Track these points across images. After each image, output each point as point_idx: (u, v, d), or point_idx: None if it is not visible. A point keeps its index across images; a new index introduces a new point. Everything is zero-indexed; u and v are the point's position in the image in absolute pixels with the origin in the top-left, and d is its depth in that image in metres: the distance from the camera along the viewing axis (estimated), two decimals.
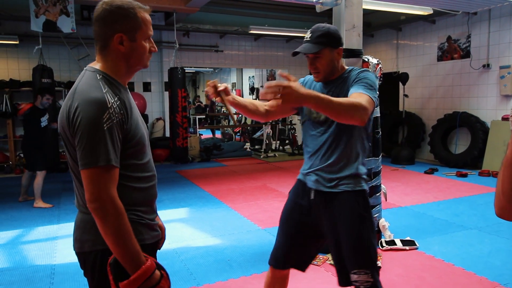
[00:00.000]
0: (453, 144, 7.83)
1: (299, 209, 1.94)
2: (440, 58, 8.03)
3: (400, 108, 8.51)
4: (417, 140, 8.38)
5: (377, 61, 3.49)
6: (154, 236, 1.39)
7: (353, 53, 3.42)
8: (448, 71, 7.89)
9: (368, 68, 3.41)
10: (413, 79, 8.39)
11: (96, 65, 1.32)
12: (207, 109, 14.98)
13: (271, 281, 2.03)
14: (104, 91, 1.22)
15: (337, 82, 1.84)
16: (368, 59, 3.46)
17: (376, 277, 1.79)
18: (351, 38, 3.43)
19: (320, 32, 1.77)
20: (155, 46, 1.37)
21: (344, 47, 3.41)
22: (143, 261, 1.22)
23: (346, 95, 1.74)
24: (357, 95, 1.64)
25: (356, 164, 1.82)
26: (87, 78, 1.27)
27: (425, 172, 7.02)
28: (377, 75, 3.48)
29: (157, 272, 1.25)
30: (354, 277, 1.77)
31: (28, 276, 3.14)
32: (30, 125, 5.10)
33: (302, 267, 2.02)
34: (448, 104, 7.90)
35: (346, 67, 1.89)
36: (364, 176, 1.87)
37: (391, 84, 8.80)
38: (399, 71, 8.67)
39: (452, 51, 7.76)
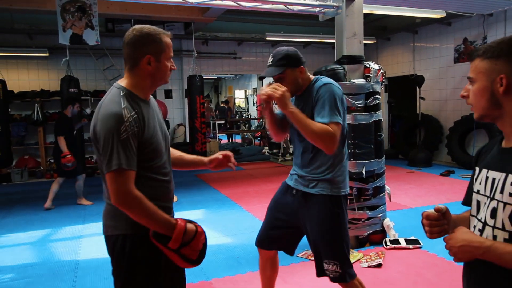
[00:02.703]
0: (470, 146, 7.77)
1: (283, 201, 2.18)
2: (456, 60, 8.00)
3: (417, 111, 8.51)
4: (435, 142, 8.35)
5: (379, 66, 3.62)
6: None
7: (354, 60, 3.58)
8: (465, 73, 7.84)
9: (369, 73, 3.55)
10: (430, 81, 8.38)
11: (123, 82, 1.56)
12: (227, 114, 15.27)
13: (261, 262, 2.32)
14: (123, 107, 1.44)
15: (305, 95, 2.04)
16: (369, 65, 3.60)
17: (346, 269, 1.98)
18: (353, 45, 3.59)
19: (280, 55, 1.98)
20: (174, 65, 1.63)
21: (345, 54, 3.61)
22: (174, 223, 1.48)
23: (310, 111, 1.92)
24: (326, 126, 1.81)
25: (333, 169, 1.99)
26: (112, 95, 1.50)
27: (441, 174, 7.01)
28: (379, 80, 3.61)
29: (190, 226, 1.52)
30: (325, 266, 1.99)
31: (55, 270, 3.45)
32: (63, 133, 5.38)
33: (289, 251, 2.26)
34: (465, 106, 7.77)
35: (312, 77, 2.07)
36: (340, 179, 2.01)
37: (407, 86, 8.82)
38: (416, 74, 8.68)
39: (469, 53, 7.72)
